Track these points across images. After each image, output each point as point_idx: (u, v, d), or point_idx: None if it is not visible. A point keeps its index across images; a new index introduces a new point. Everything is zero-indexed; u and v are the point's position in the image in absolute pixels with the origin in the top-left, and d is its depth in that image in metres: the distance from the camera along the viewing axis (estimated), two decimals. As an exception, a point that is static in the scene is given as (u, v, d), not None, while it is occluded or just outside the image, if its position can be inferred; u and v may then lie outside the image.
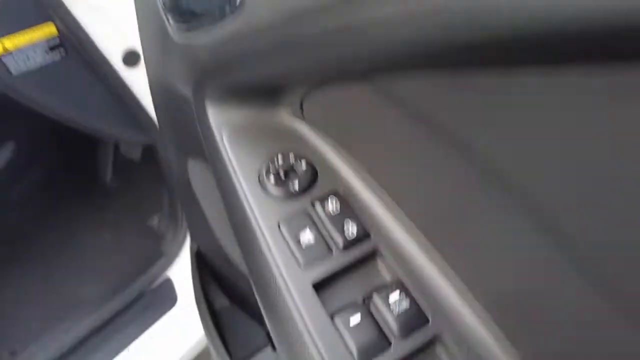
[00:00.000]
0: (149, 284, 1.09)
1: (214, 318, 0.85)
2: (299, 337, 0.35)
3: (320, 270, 0.37)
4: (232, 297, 0.92)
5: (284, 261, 0.37)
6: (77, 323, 1.02)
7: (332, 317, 0.35)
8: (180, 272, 1.15)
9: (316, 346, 0.34)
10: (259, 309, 0.67)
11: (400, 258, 0.37)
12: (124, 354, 0.98)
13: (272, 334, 0.39)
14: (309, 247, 0.37)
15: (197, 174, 0.69)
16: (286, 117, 0.44)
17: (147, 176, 1.58)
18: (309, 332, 0.35)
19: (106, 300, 1.07)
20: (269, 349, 0.82)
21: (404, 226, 0.38)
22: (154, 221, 1.43)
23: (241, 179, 0.41)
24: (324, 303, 0.36)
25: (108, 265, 1.33)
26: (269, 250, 0.38)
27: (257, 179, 0.41)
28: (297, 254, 0.37)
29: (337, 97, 0.37)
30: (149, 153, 1.41)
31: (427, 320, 0.35)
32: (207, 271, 0.93)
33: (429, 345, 0.35)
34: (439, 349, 0.35)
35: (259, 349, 0.83)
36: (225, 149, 0.43)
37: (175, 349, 1.08)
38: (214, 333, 0.80)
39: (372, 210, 0.39)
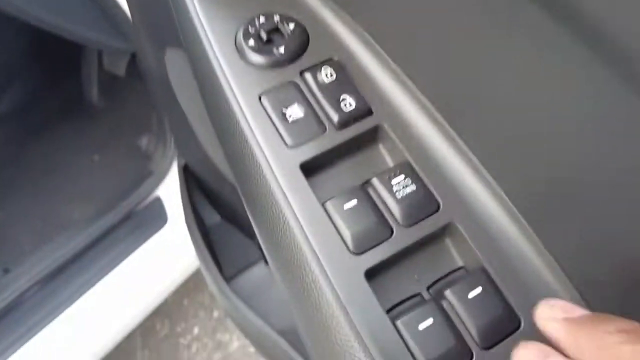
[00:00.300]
0: (139, 203, 1.04)
1: (205, 235, 0.80)
2: (285, 226, 0.29)
3: (310, 150, 0.30)
4: (223, 213, 0.88)
5: (267, 139, 0.31)
6: (68, 242, 0.98)
7: (322, 202, 0.29)
8: (170, 190, 1.10)
9: (305, 236, 0.28)
10: (246, 220, 0.62)
11: (408, 137, 0.31)
12: (114, 272, 0.95)
13: (255, 228, 0.33)
14: (297, 122, 0.31)
15: (176, 68, 0.62)
16: None
17: (133, 95, 1.49)
18: (296, 219, 0.29)
19: (96, 219, 1.03)
20: (261, 263, 0.78)
21: (414, 101, 0.31)
22: (143, 141, 1.36)
23: (214, 45, 0.33)
24: (314, 188, 0.30)
25: (97, 185, 1.28)
26: (249, 128, 0.31)
27: (233, 43, 0.33)
28: (283, 131, 0.31)
29: None
30: (134, 69, 1.32)
31: (438, 207, 0.29)
32: (196, 187, 0.88)
33: (437, 235, 0.29)
34: (449, 241, 0.30)
35: (251, 264, 0.79)
36: (197, 14, 0.35)
37: (167, 268, 1.06)
38: (204, 250, 0.76)
39: (375, 80, 0.32)
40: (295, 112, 0.31)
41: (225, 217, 0.88)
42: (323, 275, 0.28)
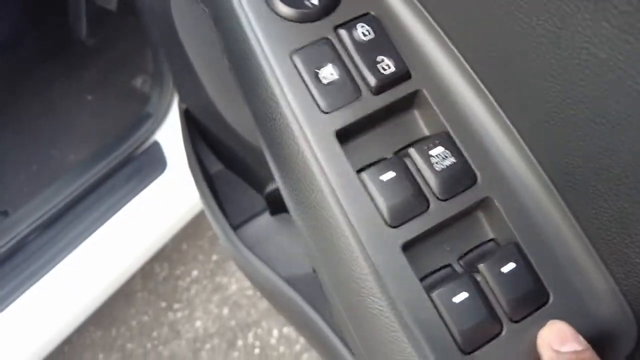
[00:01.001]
0: (137, 147, 1.02)
1: (210, 183, 0.79)
2: (319, 195, 0.28)
3: (346, 116, 0.29)
4: (225, 161, 0.86)
5: (300, 102, 0.29)
6: (67, 186, 0.97)
7: (358, 172, 0.28)
8: (168, 134, 1.07)
9: (340, 205, 0.28)
10: (254, 173, 0.60)
11: (447, 105, 0.29)
12: (115, 218, 0.95)
13: (285, 194, 0.32)
14: (331, 85, 0.29)
15: (184, 17, 0.58)
16: None
17: (127, 32, 1.42)
18: (331, 189, 0.28)
19: (94, 162, 1.01)
20: (266, 214, 0.78)
21: (455, 66, 0.29)
22: (138, 82, 1.31)
23: None
24: (349, 155, 0.28)
25: (92, 126, 1.25)
26: (280, 89, 0.29)
27: None
28: (316, 94, 0.29)
29: None
30: (127, 4, 1.25)
31: (475, 180, 0.28)
32: (197, 133, 0.86)
33: (472, 209, 0.29)
34: (482, 215, 0.29)
35: (256, 214, 0.79)
36: None
37: (167, 213, 1.05)
38: (211, 198, 0.75)
39: (414, 40, 0.30)
40: (329, 73, 0.29)
41: (228, 165, 0.87)
42: (359, 247, 0.27)
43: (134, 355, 1.17)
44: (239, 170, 0.83)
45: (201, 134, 0.86)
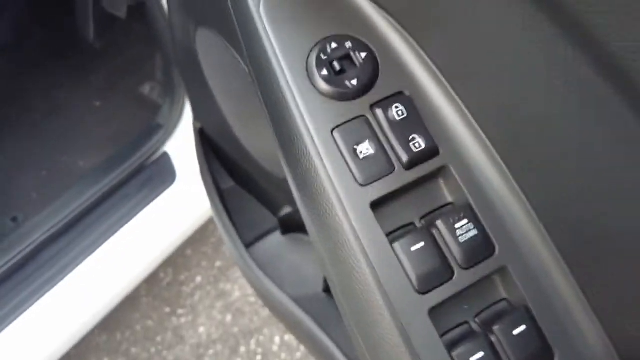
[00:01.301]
0: (148, 157, 1.04)
1: (223, 200, 0.82)
2: (353, 258, 0.31)
3: (380, 189, 0.31)
4: (238, 179, 0.89)
5: (339, 175, 0.31)
6: (78, 194, 0.99)
7: (391, 241, 0.31)
8: (178, 146, 1.09)
9: (373, 271, 0.30)
10: (267, 194, 0.62)
11: (471, 179, 0.32)
12: (125, 228, 0.97)
13: (322, 254, 0.35)
14: (368, 159, 0.32)
15: (207, 46, 0.60)
16: None
17: (135, 38, 1.43)
18: (365, 255, 0.31)
19: (105, 172, 1.03)
20: (278, 233, 0.81)
21: (480, 144, 0.32)
22: (145, 89, 1.33)
23: (286, 70, 0.33)
24: (381, 223, 0.31)
25: (102, 134, 1.26)
26: (321, 161, 0.32)
27: (304, 69, 0.33)
28: (354, 168, 0.32)
29: None
30: (137, 10, 1.26)
31: (494, 251, 0.31)
32: (211, 151, 0.88)
33: (490, 276, 0.32)
34: (499, 281, 0.32)
35: (268, 232, 0.82)
36: (264, 26, 0.34)
37: (175, 223, 1.08)
38: (225, 216, 0.78)
39: (443, 118, 0.33)
40: (366, 149, 0.32)
41: (239, 182, 0.90)
42: (390, 310, 0.30)
43: (139, 360, 1.19)
44: (251, 189, 0.85)
45: (214, 151, 0.88)
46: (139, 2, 1.03)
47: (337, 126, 0.32)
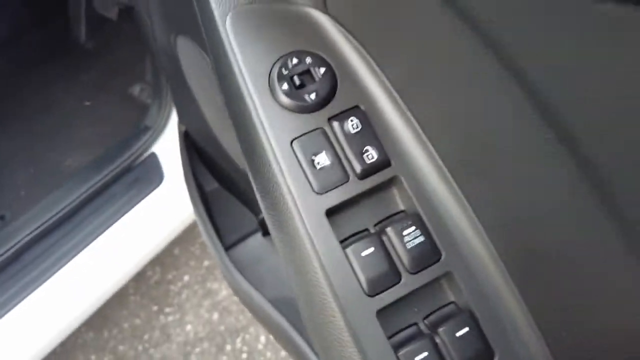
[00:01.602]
0: (136, 158, 1.05)
1: (206, 202, 0.84)
2: (308, 263, 0.33)
3: (335, 197, 0.33)
4: (220, 180, 0.90)
5: (297, 184, 0.33)
6: (66, 193, 1.00)
7: (343, 246, 0.33)
8: (166, 147, 1.11)
9: (325, 274, 0.32)
10: (248, 195, 0.64)
11: (420, 189, 0.34)
12: (112, 228, 0.99)
13: (280, 254, 0.37)
14: (324, 170, 0.34)
15: (187, 53, 0.62)
16: (304, 7, 0.36)
17: (126, 39, 1.44)
18: (319, 260, 0.33)
19: (93, 171, 1.04)
20: (259, 234, 0.83)
21: (428, 157, 0.34)
22: (135, 89, 1.34)
23: (249, 83, 0.35)
24: (335, 229, 0.33)
25: (91, 133, 1.28)
26: (281, 170, 0.34)
27: (267, 83, 0.35)
28: (311, 178, 0.33)
29: None
30: (127, 13, 1.27)
31: (440, 257, 0.33)
32: (195, 153, 0.90)
33: (437, 281, 0.34)
34: (446, 285, 0.34)
35: (249, 234, 0.83)
36: (229, 40, 0.36)
37: (163, 224, 1.09)
38: (206, 218, 0.79)
39: (395, 132, 0.35)
40: (323, 159, 0.34)
41: (222, 184, 0.91)
42: (341, 312, 0.32)
43: (126, 357, 1.21)
44: (233, 191, 0.87)
45: (198, 154, 0.90)
46: (128, 5, 1.04)
47: (296, 137, 0.34)
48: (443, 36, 0.28)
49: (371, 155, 0.34)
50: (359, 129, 0.34)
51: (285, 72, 0.35)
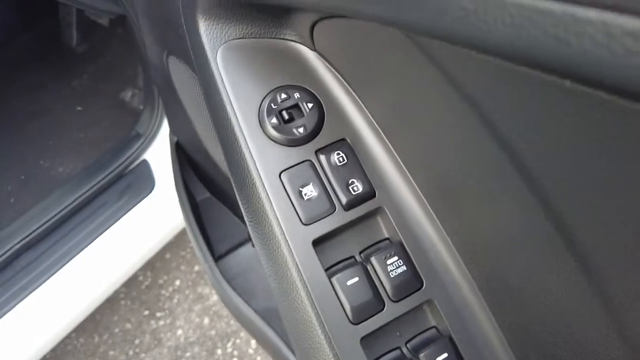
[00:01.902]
0: (128, 165, 1.06)
1: (196, 212, 0.85)
2: (295, 292, 0.34)
3: (322, 228, 0.35)
4: (211, 190, 0.91)
5: (285, 215, 0.35)
6: (57, 201, 1.00)
7: (329, 275, 0.34)
8: (157, 154, 1.12)
9: (312, 302, 0.34)
10: (236, 204, 0.66)
11: (403, 220, 0.36)
12: (104, 235, 0.99)
13: (269, 281, 0.38)
14: (312, 201, 0.35)
15: (178, 72, 0.63)
16: (293, 43, 0.38)
17: (118, 43, 1.45)
18: (306, 288, 0.34)
19: (85, 179, 1.05)
20: (249, 245, 0.84)
21: (410, 189, 0.36)
22: (127, 95, 1.35)
23: (239, 117, 0.36)
24: (321, 258, 0.35)
25: (82, 140, 1.28)
26: (270, 201, 0.35)
27: (256, 117, 0.36)
28: (299, 209, 0.35)
29: (358, 28, 0.31)
30: (119, 19, 1.28)
31: (422, 285, 0.35)
32: (187, 163, 0.91)
33: (419, 307, 0.35)
34: (428, 311, 0.36)
35: (240, 244, 0.85)
36: (220, 74, 0.37)
37: (154, 230, 1.10)
38: (196, 228, 0.81)
39: (379, 164, 0.36)
40: (310, 191, 0.35)
41: (214, 194, 0.92)
42: (326, 339, 0.33)
43: (116, 362, 1.22)
44: (224, 200, 0.88)
45: (190, 164, 0.91)
46: (119, 14, 1.04)
47: (285, 169, 0.35)
48: (416, 78, 0.29)
49: (357, 187, 0.35)
50: (345, 161, 0.36)
51: (274, 106, 0.36)
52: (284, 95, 0.36)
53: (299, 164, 0.36)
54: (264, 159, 0.35)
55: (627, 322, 0.24)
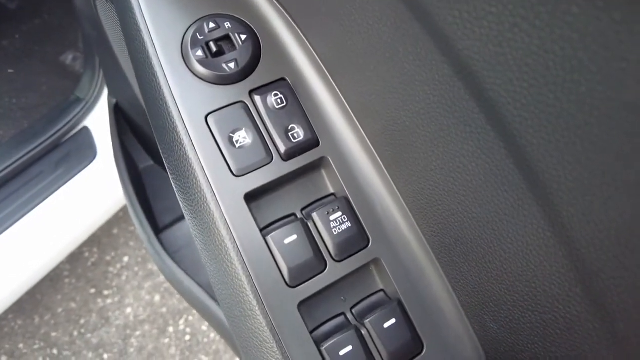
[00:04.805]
0: (66, 132, 0.97)
1: (135, 182, 0.78)
2: (224, 252, 0.30)
3: (256, 180, 0.30)
4: (156, 158, 0.85)
5: (212, 164, 0.30)
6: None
7: (264, 234, 0.30)
8: (99, 120, 1.03)
9: (243, 263, 0.29)
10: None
11: (349, 172, 0.31)
12: (42, 205, 0.91)
13: (196, 242, 0.33)
14: (244, 149, 0.30)
15: (108, 18, 0.56)
16: None
17: (57, 2, 1.32)
18: (236, 248, 0.29)
19: (18, 146, 0.96)
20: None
21: (358, 138, 0.32)
22: (68, 58, 1.24)
23: (158, 49, 0.31)
24: (256, 215, 0.30)
25: (15, 104, 1.17)
26: (193, 148, 0.30)
27: (179, 49, 0.31)
28: (229, 158, 0.30)
29: None
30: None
31: (368, 243, 0.31)
32: (127, 128, 0.83)
33: (365, 268, 0.31)
34: (375, 272, 0.32)
35: (183, 217, 0.79)
36: (141, 10, 0.31)
37: (98, 202, 1.02)
38: (134, 197, 0.74)
39: (323, 109, 0.32)
40: (243, 137, 0.30)
41: (157, 161, 0.86)
42: (259, 305, 0.29)
43: (59, 344, 1.14)
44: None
45: (132, 130, 0.84)
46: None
47: (212, 112, 0.30)
48: (369, 5, 0.25)
49: (297, 133, 0.31)
50: (284, 104, 0.31)
51: (200, 37, 0.31)
52: (212, 25, 0.31)
53: (229, 105, 0.30)
54: (187, 99, 0.30)
55: (592, 274, 0.20)
